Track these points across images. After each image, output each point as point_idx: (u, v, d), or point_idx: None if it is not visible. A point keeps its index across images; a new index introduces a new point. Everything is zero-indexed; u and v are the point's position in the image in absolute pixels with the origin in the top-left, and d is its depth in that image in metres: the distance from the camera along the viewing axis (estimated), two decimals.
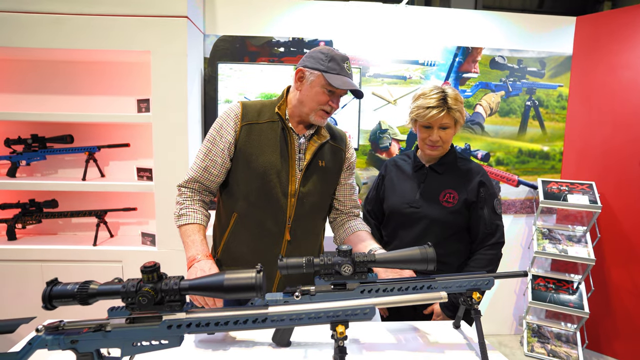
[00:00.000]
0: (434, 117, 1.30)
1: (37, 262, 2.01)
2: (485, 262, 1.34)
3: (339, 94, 1.18)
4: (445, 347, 0.99)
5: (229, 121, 1.19)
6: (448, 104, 1.30)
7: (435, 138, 1.33)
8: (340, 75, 1.13)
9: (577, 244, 2.49)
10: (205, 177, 1.19)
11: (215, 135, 1.20)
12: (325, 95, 1.15)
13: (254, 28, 2.41)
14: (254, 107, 1.22)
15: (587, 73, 2.59)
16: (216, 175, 1.20)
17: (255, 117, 1.20)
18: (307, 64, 1.16)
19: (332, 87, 1.13)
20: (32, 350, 0.71)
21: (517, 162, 2.70)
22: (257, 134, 1.19)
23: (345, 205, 1.35)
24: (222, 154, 1.18)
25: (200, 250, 1.09)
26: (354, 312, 0.77)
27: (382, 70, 2.51)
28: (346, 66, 1.15)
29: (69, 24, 1.91)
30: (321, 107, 1.16)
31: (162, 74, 1.97)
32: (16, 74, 2.21)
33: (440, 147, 1.36)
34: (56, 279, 0.73)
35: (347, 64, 1.16)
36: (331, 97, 1.16)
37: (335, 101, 1.17)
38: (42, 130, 2.20)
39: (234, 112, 1.21)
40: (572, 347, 2.47)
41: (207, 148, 1.19)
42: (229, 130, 1.19)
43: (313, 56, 1.16)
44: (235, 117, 1.19)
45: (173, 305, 0.72)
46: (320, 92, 1.14)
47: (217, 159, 1.19)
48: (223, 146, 1.18)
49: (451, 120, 1.32)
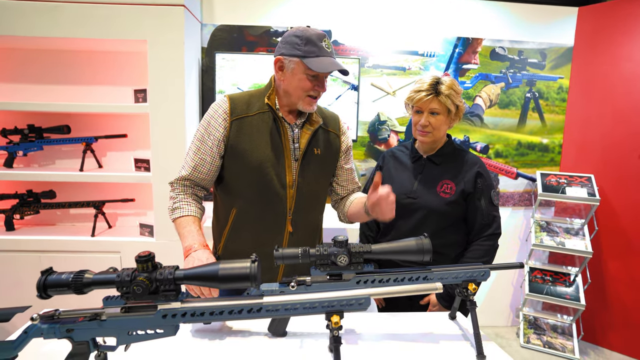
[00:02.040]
0: (422, 100, 1.32)
1: (35, 253, 2.02)
2: (481, 252, 1.35)
3: (323, 76, 1.13)
4: (441, 337, 0.99)
5: (217, 118, 1.16)
6: (438, 89, 1.31)
7: (424, 122, 1.34)
8: (320, 57, 1.08)
9: (575, 236, 2.50)
10: (196, 175, 1.17)
11: (203, 133, 1.16)
12: (308, 81, 1.11)
13: (252, 17, 2.38)
14: (241, 100, 1.18)
15: (589, 65, 2.57)
16: (206, 174, 1.18)
17: (244, 110, 1.17)
18: (284, 51, 1.11)
19: (314, 72, 1.09)
20: (27, 339, 0.71)
21: (516, 155, 2.69)
22: (248, 128, 1.16)
23: (347, 189, 1.34)
24: (211, 152, 1.16)
25: (196, 239, 1.08)
26: (349, 303, 0.77)
27: (381, 61, 2.49)
28: (324, 45, 1.10)
29: (65, 13, 1.88)
30: (307, 94, 1.13)
31: (159, 63, 1.95)
32: (12, 64, 2.19)
33: (429, 134, 1.35)
34: (51, 268, 0.73)
35: (326, 42, 1.11)
36: (315, 81, 1.12)
37: (320, 85, 1.13)
38: (39, 120, 2.18)
39: (221, 107, 1.16)
40: (567, 338, 2.49)
41: (196, 146, 1.17)
42: (217, 128, 1.15)
43: (288, 41, 1.11)
44: (224, 113, 1.15)
45: (168, 294, 0.72)
46: (303, 78, 1.10)
47: (207, 158, 1.16)
48: (212, 144, 1.15)
49: (441, 107, 1.32)
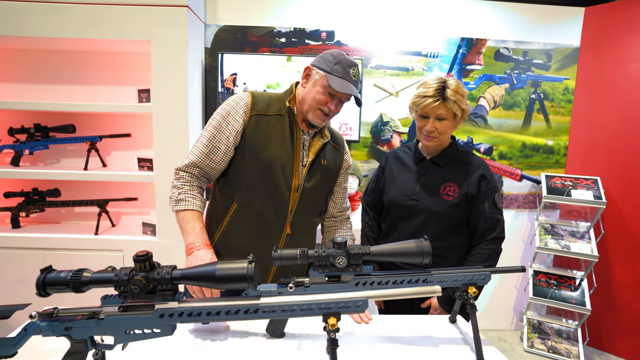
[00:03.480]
0: (429, 107, 1.28)
1: (40, 250, 2.04)
2: (484, 257, 1.32)
3: (339, 98, 1.19)
4: (440, 341, 0.98)
5: (237, 109, 1.18)
6: (445, 94, 1.27)
7: (430, 128, 1.31)
8: (343, 80, 1.15)
9: (580, 240, 2.47)
10: (206, 163, 1.17)
11: (221, 122, 1.17)
12: (324, 96, 1.16)
13: (255, 18, 2.39)
14: (262, 99, 1.22)
15: (595, 66, 2.54)
16: (217, 163, 1.18)
17: (264, 109, 1.20)
18: (316, 63, 1.19)
19: (332, 90, 1.14)
20: (26, 336, 0.71)
21: (521, 156, 2.66)
22: (265, 126, 1.19)
23: (338, 207, 1.39)
24: (226, 141, 1.17)
25: (200, 238, 1.09)
26: (346, 305, 0.76)
27: (384, 61, 2.48)
28: (352, 72, 1.17)
29: (71, 14, 1.90)
30: (319, 107, 1.17)
31: (163, 64, 1.96)
32: (19, 64, 2.21)
33: (436, 139, 1.33)
34: (50, 266, 0.73)
35: (354, 70, 1.17)
36: (331, 99, 1.17)
37: (334, 104, 1.18)
38: (45, 119, 2.20)
39: (243, 100, 1.20)
40: (572, 343, 2.46)
41: (211, 134, 1.17)
42: (237, 119, 1.17)
43: (323, 57, 1.19)
44: (245, 106, 1.18)
45: (165, 294, 0.72)
46: (321, 91, 1.16)
47: (221, 146, 1.17)
48: (229, 133, 1.16)
49: (448, 112, 1.29)
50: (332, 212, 1.39)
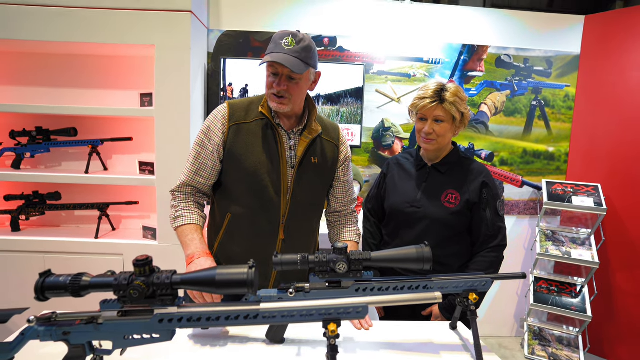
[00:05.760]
0: (426, 108, 1.29)
1: (39, 254, 2.03)
2: (486, 264, 1.32)
3: (281, 73, 1.10)
4: (441, 347, 0.98)
5: (216, 123, 1.18)
6: (443, 96, 1.29)
7: (428, 130, 1.32)
8: (273, 53, 1.08)
9: (581, 246, 2.46)
10: (197, 180, 1.19)
11: (203, 138, 1.19)
12: (269, 79, 1.13)
13: (257, 23, 2.40)
14: (241, 107, 1.20)
15: (595, 73, 2.54)
16: (207, 178, 1.20)
17: (242, 117, 1.19)
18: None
19: (267, 69, 1.12)
20: (24, 341, 0.71)
21: (522, 163, 2.66)
22: (245, 134, 1.17)
23: (341, 201, 1.35)
24: (212, 157, 1.18)
25: (199, 248, 1.09)
26: (346, 311, 0.76)
27: (386, 67, 2.49)
28: (285, 41, 1.08)
29: (73, 17, 1.91)
30: (271, 92, 1.14)
31: (166, 68, 1.97)
32: (22, 67, 2.22)
33: (434, 141, 1.33)
34: (49, 270, 0.73)
35: (289, 39, 1.08)
36: (275, 79, 1.11)
37: (278, 82, 1.11)
38: (47, 122, 2.21)
39: (220, 113, 1.19)
40: (573, 350, 2.44)
41: (197, 152, 1.19)
42: (216, 133, 1.17)
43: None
44: (223, 119, 1.18)
45: (165, 299, 0.72)
46: (266, 76, 1.14)
47: (207, 162, 1.18)
48: (212, 149, 1.17)
49: (446, 114, 1.30)
50: (334, 207, 1.36)
